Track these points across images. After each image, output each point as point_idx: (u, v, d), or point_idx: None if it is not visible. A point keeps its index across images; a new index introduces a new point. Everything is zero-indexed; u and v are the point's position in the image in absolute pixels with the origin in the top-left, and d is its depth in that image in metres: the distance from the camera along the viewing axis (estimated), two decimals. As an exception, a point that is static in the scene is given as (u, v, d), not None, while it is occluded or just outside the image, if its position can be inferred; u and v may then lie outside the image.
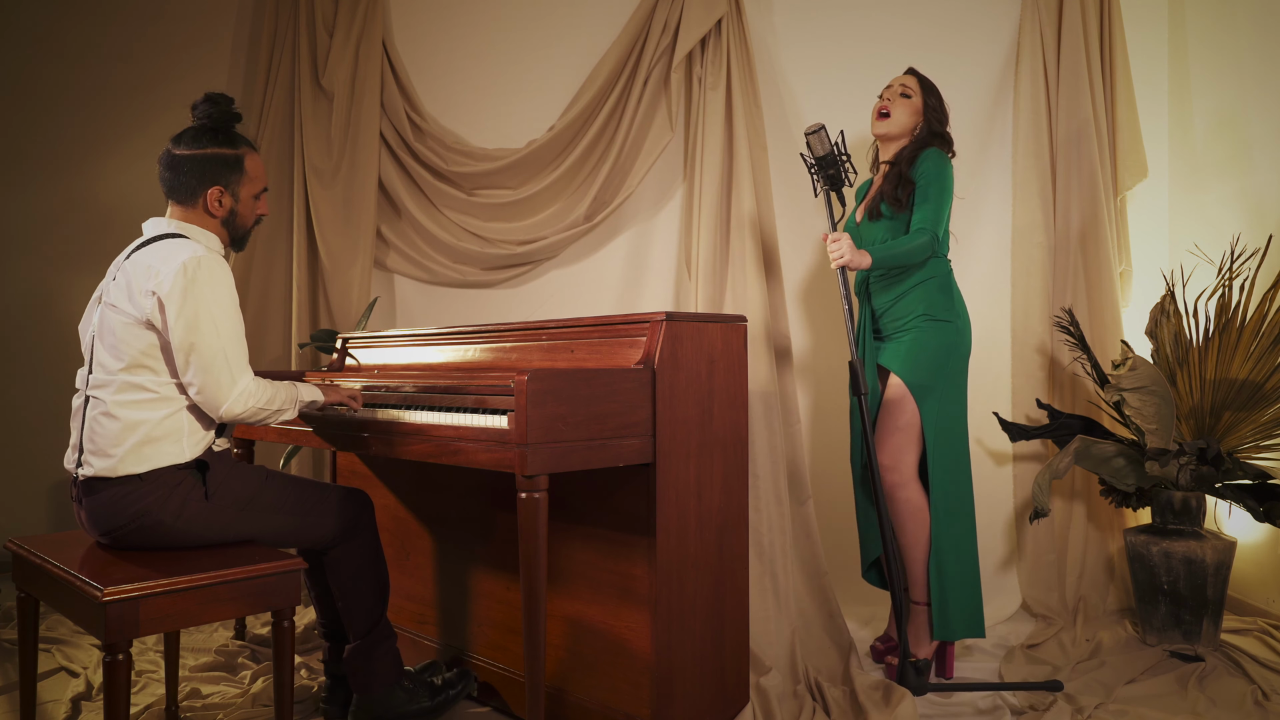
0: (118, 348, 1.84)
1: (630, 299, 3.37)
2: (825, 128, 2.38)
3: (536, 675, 1.77)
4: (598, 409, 1.80)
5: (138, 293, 1.82)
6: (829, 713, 2.17)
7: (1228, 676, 2.38)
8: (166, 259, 1.82)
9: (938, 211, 2.39)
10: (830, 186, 2.42)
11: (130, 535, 1.85)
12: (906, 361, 2.43)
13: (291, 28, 3.60)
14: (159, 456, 1.83)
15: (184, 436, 1.86)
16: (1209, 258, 2.95)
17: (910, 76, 2.56)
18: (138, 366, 1.83)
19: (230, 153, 1.97)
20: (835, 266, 2.34)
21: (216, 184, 1.95)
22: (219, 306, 1.82)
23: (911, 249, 2.35)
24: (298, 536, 2.02)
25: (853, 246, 2.32)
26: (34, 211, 3.81)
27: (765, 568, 2.53)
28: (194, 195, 1.95)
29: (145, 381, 1.84)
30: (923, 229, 2.37)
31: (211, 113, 1.96)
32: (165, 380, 1.85)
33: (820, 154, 2.38)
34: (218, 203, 1.96)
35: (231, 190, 1.97)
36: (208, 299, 1.81)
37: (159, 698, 2.34)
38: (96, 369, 1.89)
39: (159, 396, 1.84)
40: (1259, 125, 2.96)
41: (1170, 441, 2.65)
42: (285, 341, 3.60)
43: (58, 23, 3.85)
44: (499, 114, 3.52)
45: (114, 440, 1.82)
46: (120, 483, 1.82)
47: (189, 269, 1.80)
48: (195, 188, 1.94)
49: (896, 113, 2.51)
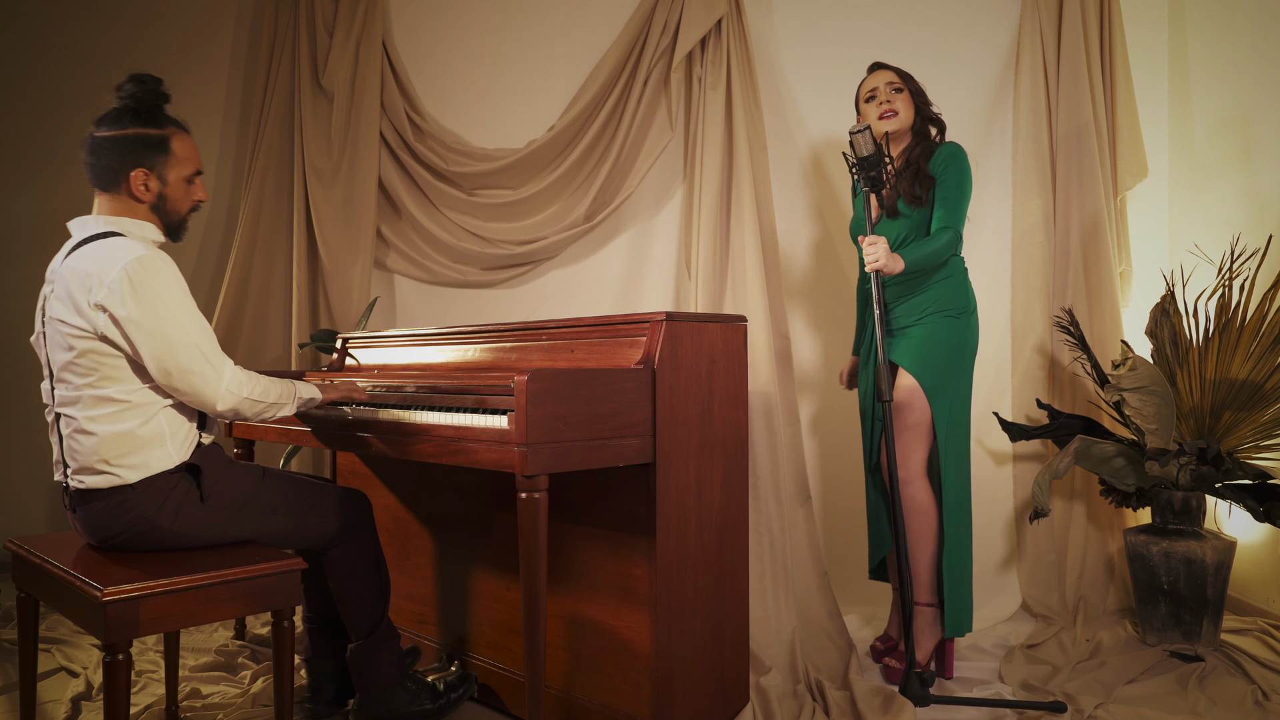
0: (76, 364, 1.76)
1: (630, 299, 3.37)
2: (870, 127, 2.31)
3: (536, 675, 1.77)
4: (598, 409, 1.79)
5: (83, 305, 1.73)
6: (829, 713, 2.17)
7: (1228, 676, 2.38)
8: (105, 265, 1.72)
9: (958, 208, 2.39)
10: (871, 188, 2.36)
11: (128, 541, 1.83)
12: (918, 360, 2.42)
13: (291, 28, 3.60)
14: (148, 464, 1.78)
15: (168, 439, 1.81)
16: (1209, 258, 2.95)
17: (887, 72, 2.55)
18: (103, 379, 1.76)
19: (154, 132, 1.85)
20: (871, 269, 2.29)
21: (140, 166, 1.83)
22: (175, 303, 1.74)
23: (938, 249, 2.35)
24: (296, 537, 2.01)
25: (888, 250, 2.28)
26: (34, 211, 3.81)
27: (765, 568, 2.53)
28: (116, 180, 1.83)
29: (113, 393, 1.76)
30: (946, 227, 2.37)
31: (135, 92, 1.85)
32: (134, 388, 1.78)
33: (865, 154, 2.31)
34: (143, 186, 1.84)
35: (158, 173, 1.85)
36: (162, 299, 1.72)
37: (159, 698, 2.34)
38: (59, 386, 1.81)
39: (131, 405, 1.78)
40: (1259, 125, 2.96)
41: (1170, 441, 2.64)
42: (285, 341, 3.60)
43: (58, 23, 3.85)
44: (499, 114, 3.52)
45: (96, 456, 1.76)
46: (112, 493, 1.79)
47: (131, 274, 1.70)
48: (117, 171, 1.83)
49: (900, 108, 2.51)
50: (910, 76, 2.55)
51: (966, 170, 2.42)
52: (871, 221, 2.38)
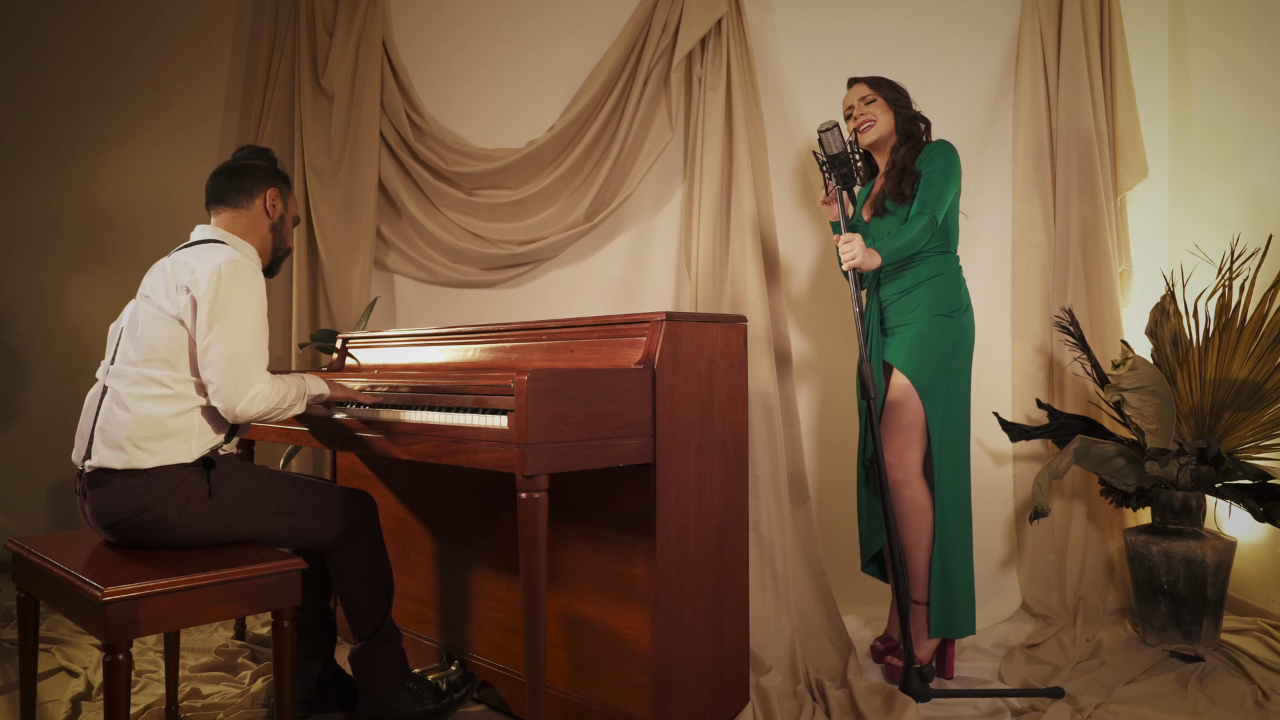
0: (143, 339, 1.89)
1: (630, 299, 3.37)
2: (840, 125, 2.35)
3: (536, 675, 1.77)
4: (598, 409, 1.80)
5: (174, 288, 1.90)
6: (830, 713, 2.17)
7: (1228, 676, 2.38)
8: (205, 260, 1.90)
9: (939, 195, 2.38)
10: (841, 185, 2.39)
11: (133, 530, 1.85)
12: (911, 360, 2.43)
13: (291, 28, 3.60)
14: (166, 453, 1.85)
15: (193, 436, 1.89)
16: (1209, 258, 2.95)
17: (860, 86, 2.58)
18: (158, 360, 1.88)
19: (284, 171, 2.18)
20: (847, 268, 2.31)
21: (274, 187, 2.12)
22: (246, 310, 1.89)
23: (913, 236, 2.35)
24: (300, 537, 2.02)
25: (864, 247, 2.30)
26: (35, 211, 3.82)
27: (765, 568, 2.53)
28: (251, 195, 2.09)
29: (162, 376, 1.87)
30: (920, 213, 2.37)
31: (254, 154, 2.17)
32: (183, 377, 1.89)
33: (833, 152, 2.34)
34: (273, 206, 2.11)
35: (284, 199, 2.14)
36: (237, 302, 1.88)
37: (159, 698, 2.34)
38: (118, 360, 1.94)
39: (173, 393, 1.88)
40: (1259, 125, 2.96)
41: (1170, 441, 2.65)
42: (285, 341, 3.61)
43: (58, 23, 3.85)
44: (499, 114, 3.52)
45: (124, 431, 1.84)
46: (126, 476, 1.84)
47: (224, 271, 1.88)
48: (253, 188, 2.09)
49: (876, 116, 2.53)
50: (882, 83, 2.57)
51: (952, 163, 2.42)
52: (846, 219, 2.39)
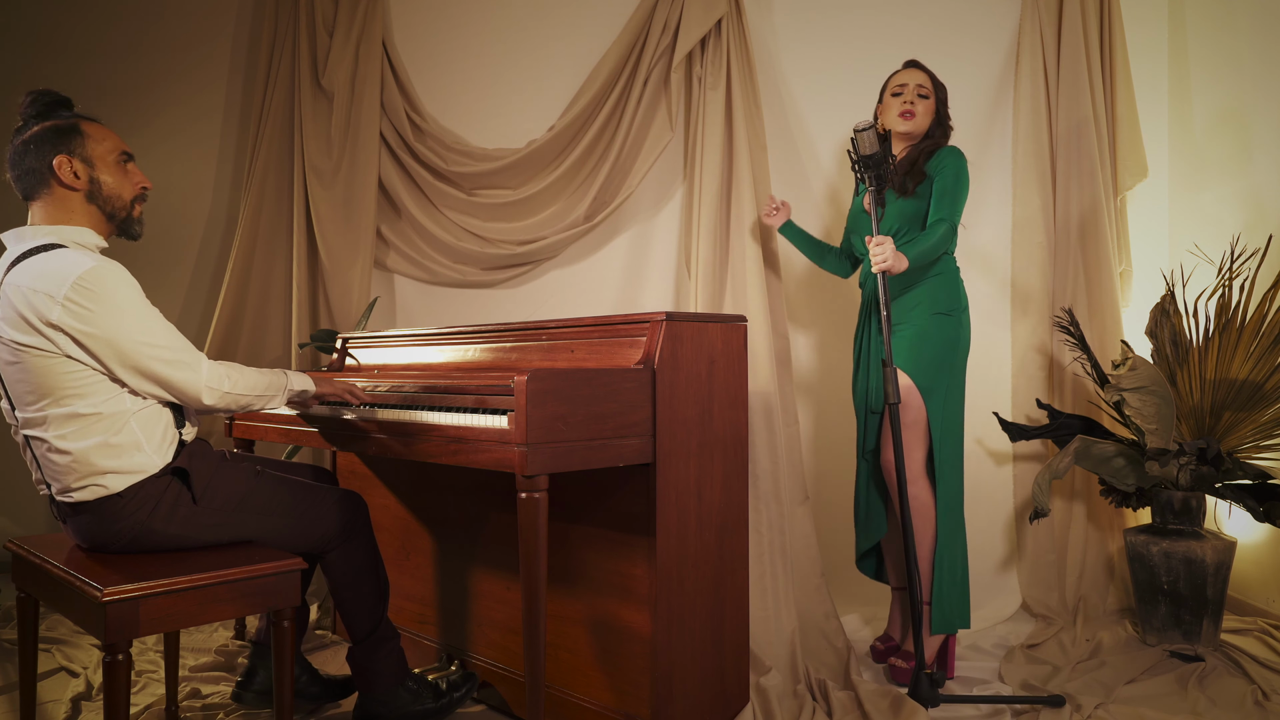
0: (34, 385, 1.71)
1: (630, 299, 3.37)
2: (875, 126, 2.29)
3: (536, 675, 1.77)
4: (598, 409, 1.80)
5: (38, 324, 1.67)
6: (831, 714, 2.17)
7: (1228, 676, 2.38)
8: (52, 283, 1.66)
9: (954, 203, 2.41)
10: (875, 186, 2.37)
11: (126, 547, 1.83)
12: (912, 359, 2.43)
13: (291, 28, 3.60)
14: (128, 472, 1.76)
15: (144, 444, 1.77)
16: (1209, 258, 2.95)
17: (921, 73, 2.56)
18: (66, 397, 1.71)
19: (62, 122, 1.79)
20: (878, 270, 2.27)
21: (59, 152, 1.77)
22: (134, 311, 1.71)
23: (936, 242, 2.37)
24: (296, 539, 2.00)
25: (894, 250, 2.27)
26: (34, 211, 3.81)
27: (765, 568, 2.53)
28: (44, 177, 1.77)
29: (79, 408, 1.71)
30: (941, 219, 2.39)
31: (34, 101, 1.83)
32: (101, 399, 1.73)
33: (868, 152, 2.29)
34: (72, 174, 1.77)
35: (79, 155, 1.78)
36: (120, 309, 1.69)
37: (159, 698, 2.34)
38: (21, 408, 1.76)
39: (100, 416, 1.73)
40: (1259, 124, 2.96)
41: (1170, 441, 2.65)
42: (285, 341, 3.60)
43: (59, 22, 3.85)
44: (499, 114, 3.52)
45: (74, 473, 1.74)
46: (101, 504, 1.77)
47: (82, 290, 1.66)
48: (40, 167, 1.77)
49: (919, 114, 2.53)
50: (941, 85, 2.58)
51: (964, 172, 2.45)
52: (877, 221, 2.35)
